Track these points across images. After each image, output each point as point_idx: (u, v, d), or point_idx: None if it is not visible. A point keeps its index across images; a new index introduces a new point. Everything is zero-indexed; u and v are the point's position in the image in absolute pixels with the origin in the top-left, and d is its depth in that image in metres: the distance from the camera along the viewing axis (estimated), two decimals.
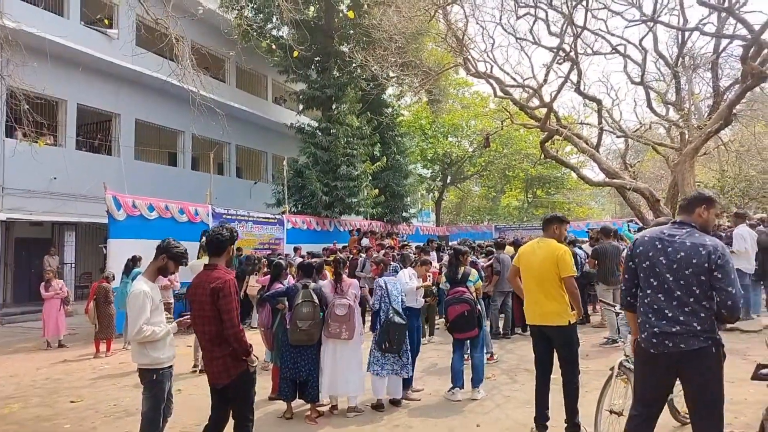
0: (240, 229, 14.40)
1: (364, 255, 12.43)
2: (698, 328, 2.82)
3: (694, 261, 2.85)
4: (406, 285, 5.89)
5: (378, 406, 5.36)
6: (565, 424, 4.36)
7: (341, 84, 19.29)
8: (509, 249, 9.85)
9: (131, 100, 17.01)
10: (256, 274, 10.66)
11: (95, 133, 17.34)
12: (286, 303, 5.46)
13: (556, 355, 4.48)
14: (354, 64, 18.75)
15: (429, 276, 6.42)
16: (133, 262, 9.27)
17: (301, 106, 21.40)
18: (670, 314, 2.87)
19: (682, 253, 2.89)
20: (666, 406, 3.23)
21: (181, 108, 16.61)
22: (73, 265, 15.79)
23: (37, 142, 8.56)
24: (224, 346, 3.40)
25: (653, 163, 22.98)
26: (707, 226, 3.04)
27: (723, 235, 9.24)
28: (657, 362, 2.92)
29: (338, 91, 19.21)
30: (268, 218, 15.89)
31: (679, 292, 2.87)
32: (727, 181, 20.66)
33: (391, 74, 16.58)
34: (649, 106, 15.29)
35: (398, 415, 5.20)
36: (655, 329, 2.91)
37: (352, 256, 12.99)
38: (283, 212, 16.93)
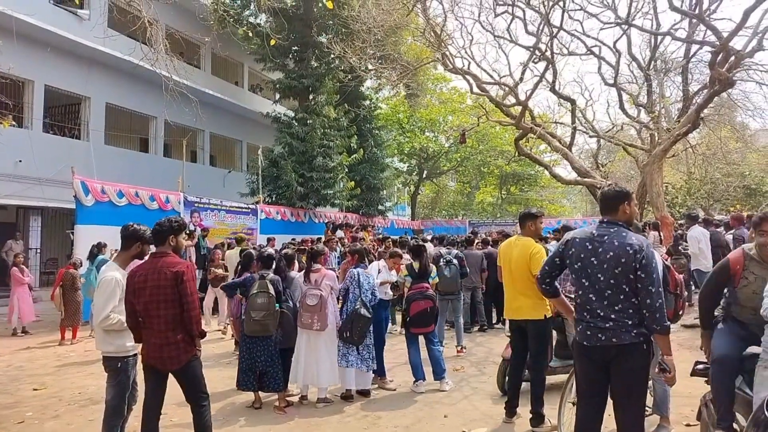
0: (212, 218, 14.25)
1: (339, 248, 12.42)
2: (629, 323, 2.90)
3: (623, 260, 2.91)
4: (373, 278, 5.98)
5: (347, 397, 5.40)
6: (530, 414, 4.48)
7: (319, 74, 19.13)
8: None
9: (102, 84, 16.56)
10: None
11: (64, 116, 16.85)
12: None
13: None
14: (332, 55, 18.59)
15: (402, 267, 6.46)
16: (98, 248, 9.08)
17: (277, 96, 21.16)
18: (602, 313, 2.93)
19: (611, 253, 2.95)
20: None
21: (154, 93, 16.24)
22: (39, 251, 15.36)
23: (1, 122, 8.29)
24: (178, 331, 3.45)
25: (623, 164, 23.50)
26: (632, 220, 3.16)
27: (681, 234, 9.54)
28: (590, 355, 2.99)
29: (316, 81, 19.06)
30: (242, 208, 15.72)
31: (609, 291, 2.93)
32: (694, 183, 21.30)
33: (370, 67, 16.52)
34: (621, 107, 15.63)
35: (367, 406, 5.24)
36: (590, 323, 2.98)
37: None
38: (257, 202, 16.76)
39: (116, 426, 3.63)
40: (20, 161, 13.89)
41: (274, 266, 5.44)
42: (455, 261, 7.49)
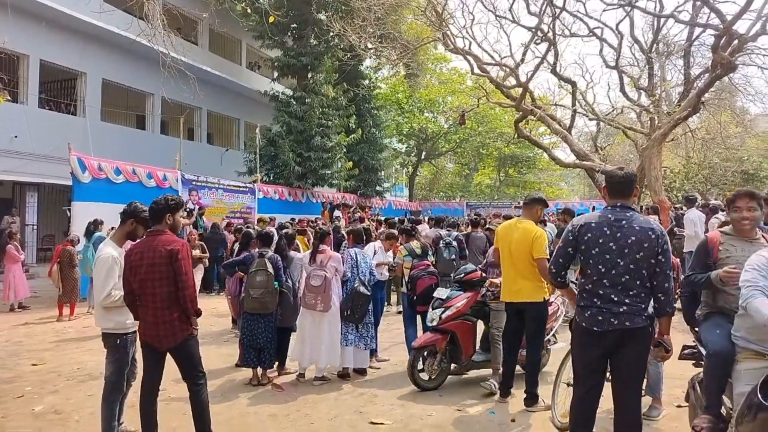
0: (210, 197, 14.22)
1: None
2: (642, 307, 2.95)
3: (645, 245, 2.92)
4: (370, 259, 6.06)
5: (344, 375, 5.45)
6: (525, 394, 4.54)
7: (318, 53, 18.92)
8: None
9: (98, 59, 16.34)
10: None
11: (60, 91, 16.66)
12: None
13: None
14: (331, 33, 18.30)
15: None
16: (94, 225, 9.06)
17: (275, 74, 20.94)
18: (616, 298, 2.94)
19: (633, 238, 2.94)
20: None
21: (151, 69, 16.05)
22: (35, 227, 15.33)
23: None
24: (174, 309, 3.45)
25: (623, 147, 23.45)
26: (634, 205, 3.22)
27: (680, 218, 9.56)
28: (599, 341, 2.99)
29: (314, 59, 18.86)
30: (240, 187, 15.68)
31: (627, 276, 2.94)
32: (692, 167, 21.30)
33: (369, 45, 16.31)
34: (622, 90, 15.52)
35: (363, 384, 5.30)
36: (603, 309, 2.97)
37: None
38: (255, 181, 16.72)
39: (115, 401, 3.66)
40: (16, 137, 13.78)
41: (273, 245, 5.47)
42: (455, 243, 7.52)
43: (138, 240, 3.75)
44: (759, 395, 1.77)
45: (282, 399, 4.87)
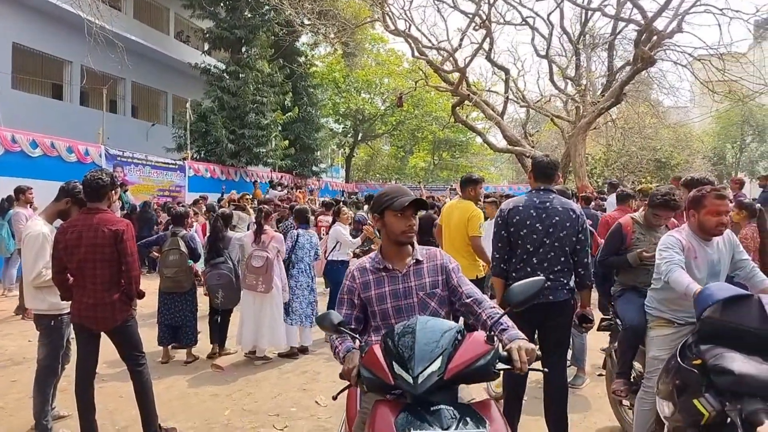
0: (136, 174, 13.55)
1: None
2: (564, 281, 3.22)
3: (568, 224, 3.18)
4: (347, 239, 6.24)
5: (290, 355, 5.47)
6: None
7: (252, 26, 18.27)
8: None
9: (7, 21, 14.89)
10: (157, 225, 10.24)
11: None
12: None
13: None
14: (267, 6, 17.79)
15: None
16: (9, 202, 8.38)
17: (207, 46, 20.03)
18: (542, 274, 3.10)
19: (557, 218, 3.19)
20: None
21: (69, 35, 14.93)
22: None
23: None
24: (114, 290, 3.32)
25: (550, 134, 24.56)
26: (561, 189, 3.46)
27: (601, 203, 10.21)
28: (526, 315, 3.05)
29: (249, 33, 18.20)
30: (168, 164, 15.03)
31: (552, 253, 3.19)
32: (612, 154, 22.73)
33: (306, 22, 16.01)
34: (551, 79, 16.24)
35: (307, 362, 5.35)
36: None
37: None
38: (185, 158, 16.06)
39: (49, 385, 3.50)
40: None
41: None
42: None
43: (70, 219, 3.53)
44: (678, 358, 2.01)
45: (223, 379, 4.83)
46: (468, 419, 1.59)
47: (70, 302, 3.45)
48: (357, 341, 1.97)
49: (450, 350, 1.67)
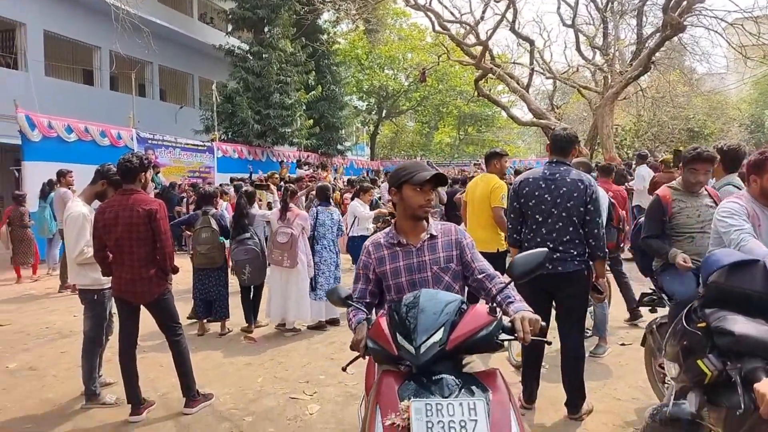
0: (167, 156, 13.91)
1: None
2: (574, 252, 3.25)
3: (575, 194, 3.21)
4: (363, 213, 6.33)
5: (317, 327, 5.69)
6: None
7: (274, 5, 18.28)
8: None
9: (39, 9, 15.29)
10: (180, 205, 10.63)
11: None
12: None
13: None
14: None
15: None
16: (50, 186, 8.81)
17: (230, 27, 20.17)
18: (551, 245, 3.21)
19: (564, 189, 3.23)
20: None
21: (97, 21, 15.26)
22: None
23: None
24: (151, 266, 3.54)
25: (577, 106, 24.05)
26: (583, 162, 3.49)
27: (627, 173, 10.09)
28: (538, 284, 3.12)
29: (271, 12, 18.23)
30: (197, 145, 15.37)
31: (560, 224, 3.24)
32: (642, 125, 22.15)
33: None
34: (578, 49, 15.87)
35: (334, 334, 5.55)
36: None
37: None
38: (213, 140, 16.38)
39: (95, 355, 3.77)
40: None
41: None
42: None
43: (107, 199, 3.76)
44: (684, 322, 2.08)
45: (255, 350, 5.08)
46: (471, 387, 1.66)
47: (110, 277, 3.70)
48: (366, 314, 2.06)
49: (452, 321, 1.72)
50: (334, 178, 15.54)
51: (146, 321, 3.71)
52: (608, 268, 4.59)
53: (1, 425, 3.53)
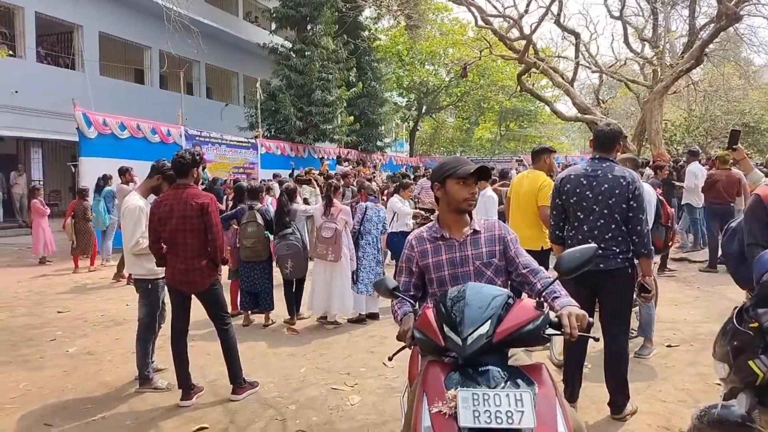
0: (213, 152, 14.33)
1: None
2: (617, 250, 3.17)
3: (617, 191, 3.13)
4: (402, 209, 6.44)
5: (358, 320, 5.79)
6: None
7: (317, 3, 18.52)
8: None
9: (94, 12, 16.05)
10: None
11: (56, 45, 16.45)
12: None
13: None
14: None
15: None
16: (104, 180, 9.29)
17: (274, 25, 20.56)
18: (593, 242, 3.10)
19: (606, 185, 3.16)
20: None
21: (147, 22, 15.87)
22: (41, 183, 15.49)
23: None
24: (202, 257, 3.70)
25: (624, 100, 23.33)
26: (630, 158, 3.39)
27: (679, 169, 9.72)
28: (580, 281, 3.02)
29: (314, 10, 18.49)
30: (242, 142, 15.75)
31: (602, 221, 3.17)
32: (693, 120, 21.28)
33: None
34: (626, 41, 15.40)
35: (374, 327, 5.64)
36: None
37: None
38: (257, 136, 16.76)
39: (149, 340, 3.98)
40: (16, 92, 13.74)
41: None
42: None
43: (162, 193, 3.95)
44: (734, 322, 2.03)
45: (298, 341, 5.21)
46: (517, 380, 1.67)
47: (164, 268, 3.89)
48: (412, 305, 2.10)
49: (499, 314, 1.74)
50: (373, 174, 15.62)
51: (195, 310, 3.87)
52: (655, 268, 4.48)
53: (63, 404, 3.77)
